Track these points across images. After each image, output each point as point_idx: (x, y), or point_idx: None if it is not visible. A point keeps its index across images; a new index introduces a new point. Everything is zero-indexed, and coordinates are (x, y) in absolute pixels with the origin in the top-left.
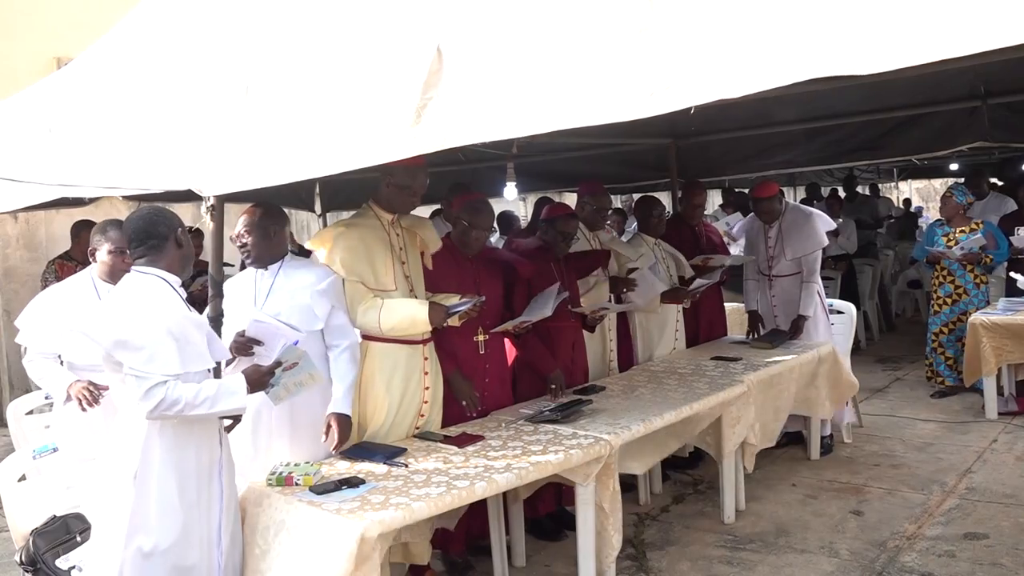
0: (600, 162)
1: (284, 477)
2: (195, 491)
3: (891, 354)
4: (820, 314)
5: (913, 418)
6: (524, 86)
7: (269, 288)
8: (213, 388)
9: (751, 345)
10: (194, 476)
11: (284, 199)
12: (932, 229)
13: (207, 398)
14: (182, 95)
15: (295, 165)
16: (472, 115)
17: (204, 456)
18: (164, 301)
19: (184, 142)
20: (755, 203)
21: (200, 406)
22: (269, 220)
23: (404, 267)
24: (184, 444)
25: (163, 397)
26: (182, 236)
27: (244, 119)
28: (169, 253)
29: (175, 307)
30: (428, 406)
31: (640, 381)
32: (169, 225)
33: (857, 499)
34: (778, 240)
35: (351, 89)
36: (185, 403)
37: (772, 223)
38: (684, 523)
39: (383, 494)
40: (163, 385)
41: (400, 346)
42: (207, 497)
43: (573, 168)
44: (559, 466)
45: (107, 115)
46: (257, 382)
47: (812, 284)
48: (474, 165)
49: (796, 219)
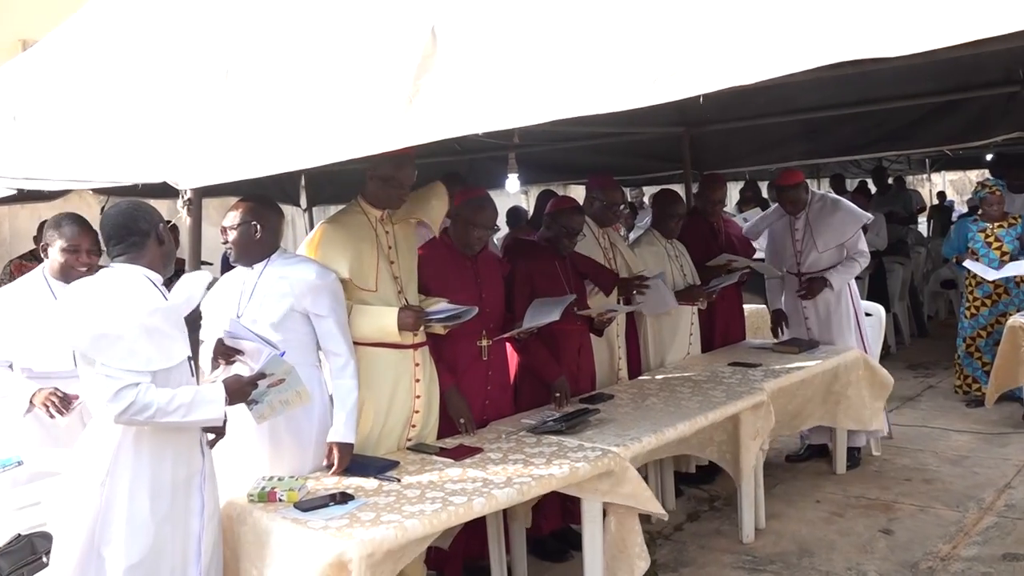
0: (607, 152)
1: (267, 492)
2: (170, 504)
3: (923, 360)
4: (850, 314)
5: (947, 429)
6: (524, 72)
7: (252, 289)
8: (189, 395)
9: (773, 349)
10: (169, 488)
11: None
12: (964, 225)
13: (181, 405)
14: (156, 79)
15: (277, 156)
16: (468, 102)
17: (183, 467)
18: (142, 294)
19: (158, 130)
20: (779, 192)
21: (173, 413)
22: (253, 215)
23: (393, 267)
24: (161, 453)
25: (133, 400)
26: (164, 232)
27: (223, 105)
28: (150, 251)
29: (152, 302)
30: (420, 416)
31: (651, 389)
32: (150, 221)
33: (887, 517)
34: (806, 232)
35: (338, 73)
36: (157, 408)
37: (798, 215)
38: (699, 543)
39: (373, 511)
40: (134, 387)
41: (387, 350)
42: (184, 511)
43: (578, 158)
44: (564, 481)
45: (75, 101)
46: (237, 392)
47: (855, 261)
48: (471, 155)
49: (824, 208)
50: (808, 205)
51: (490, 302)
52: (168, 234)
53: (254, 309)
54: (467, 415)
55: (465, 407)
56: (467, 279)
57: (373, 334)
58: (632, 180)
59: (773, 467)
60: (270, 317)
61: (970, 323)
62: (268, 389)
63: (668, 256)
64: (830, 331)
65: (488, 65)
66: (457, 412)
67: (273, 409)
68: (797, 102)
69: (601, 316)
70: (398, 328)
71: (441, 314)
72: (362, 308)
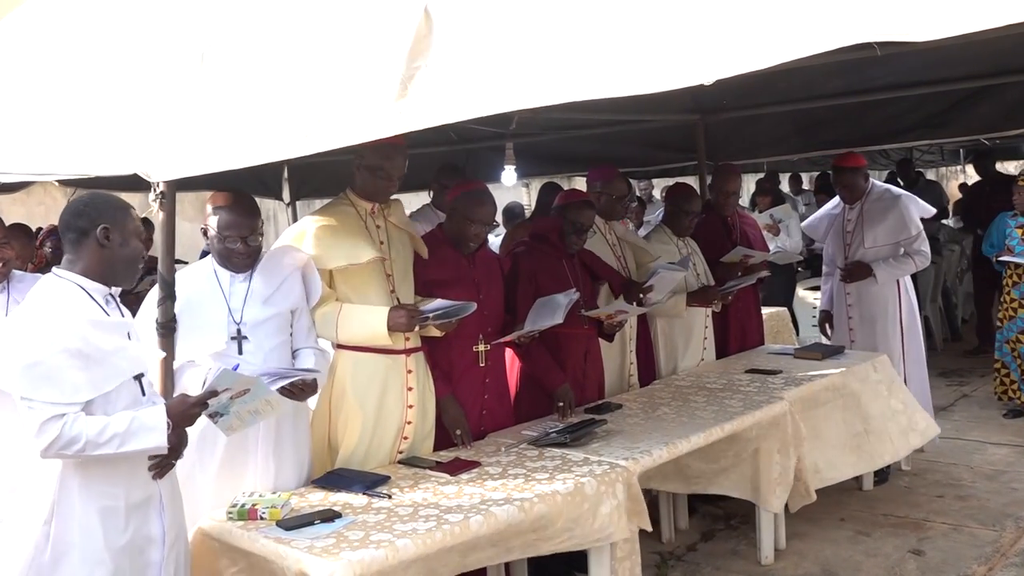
0: (614, 141)
1: (247, 510)
2: (124, 532)
3: (957, 366)
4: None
5: (983, 441)
6: (524, 53)
7: (246, 293)
8: (124, 423)
9: (795, 356)
10: (123, 515)
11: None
12: (1003, 220)
13: (115, 435)
14: (126, 63)
15: (258, 146)
16: (466, 87)
17: (137, 492)
18: (68, 313)
19: (128, 119)
20: (834, 174)
21: (106, 445)
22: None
23: (385, 264)
24: (111, 479)
25: (58, 434)
26: (112, 234)
27: (198, 91)
28: (87, 253)
29: (83, 318)
30: (412, 427)
31: (663, 398)
32: (91, 219)
33: (917, 536)
34: (858, 225)
35: (324, 56)
36: (87, 441)
37: (853, 203)
38: (714, 563)
39: (362, 529)
40: (59, 419)
41: (376, 356)
42: (142, 539)
43: (583, 148)
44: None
45: (37, 87)
46: (183, 416)
47: (910, 259)
48: (468, 145)
49: (882, 201)
50: (866, 195)
51: (488, 304)
52: (121, 236)
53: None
54: (464, 426)
55: (462, 417)
56: (464, 279)
57: (361, 336)
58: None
59: None
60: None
61: (1008, 326)
62: (231, 401)
63: (679, 253)
64: (874, 337)
65: (486, 45)
66: (453, 423)
67: (242, 420)
68: (821, 87)
69: (611, 319)
70: (389, 329)
71: (436, 311)
72: (349, 308)
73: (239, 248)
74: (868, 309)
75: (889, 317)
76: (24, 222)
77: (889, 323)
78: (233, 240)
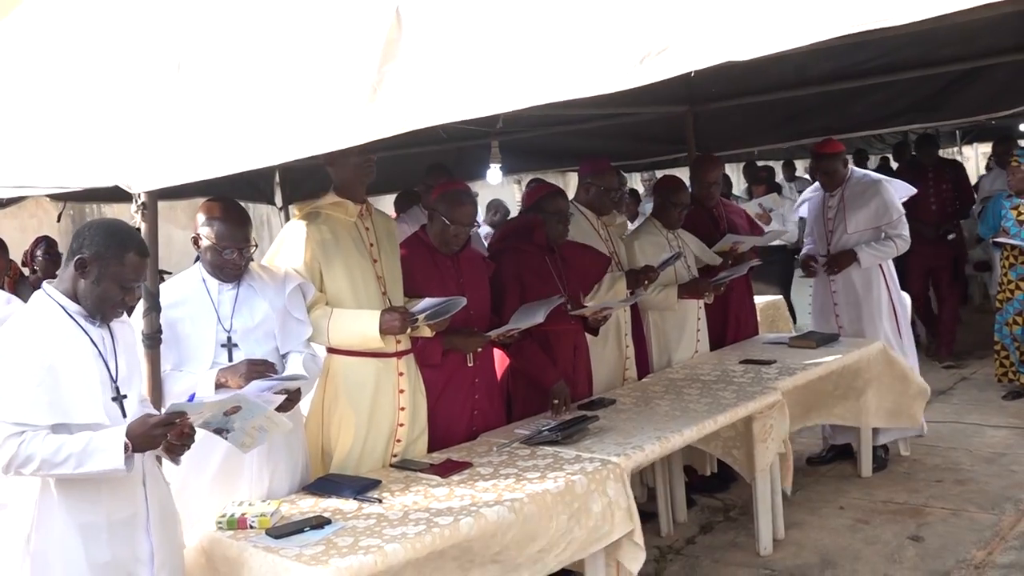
0: (603, 135)
1: (236, 519)
2: (108, 550)
3: (956, 349)
4: (882, 302)
5: (982, 425)
6: (498, 54)
7: (234, 301)
8: (81, 443)
9: (789, 344)
10: (106, 531)
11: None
12: (998, 202)
13: (70, 456)
14: (103, 74)
15: (235, 155)
16: (437, 90)
17: (122, 510)
18: (39, 332)
19: (107, 130)
20: (814, 160)
21: (62, 465)
22: (251, 223)
23: (376, 266)
24: (93, 495)
25: (15, 452)
26: (89, 268)
27: (176, 101)
28: (68, 275)
29: (54, 338)
30: (405, 429)
31: (656, 391)
32: (79, 244)
33: (916, 522)
34: (839, 211)
35: (297, 63)
36: (42, 460)
37: (834, 190)
38: (713, 556)
39: (351, 535)
40: (18, 437)
41: (367, 359)
42: (129, 558)
43: (573, 143)
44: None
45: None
46: (143, 438)
47: (891, 241)
48: (459, 143)
49: (863, 187)
50: (846, 181)
51: (474, 304)
52: (101, 269)
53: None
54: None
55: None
56: (448, 280)
57: (353, 340)
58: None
59: (794, 471)
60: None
61: (1005, 308)
62: (228, 418)
63: (670, 248)
64: (860, 321)
65: (459, 48)
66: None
67: (252, 437)
68: (811, 72)
69: (595, 315)
70: (381, 332)
71: (427, 310)
72: (340, 312)
73: (235, 259)
74: (852, 293)
75: (874, 300)
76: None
77: (875, 305)
78: (230, 251)
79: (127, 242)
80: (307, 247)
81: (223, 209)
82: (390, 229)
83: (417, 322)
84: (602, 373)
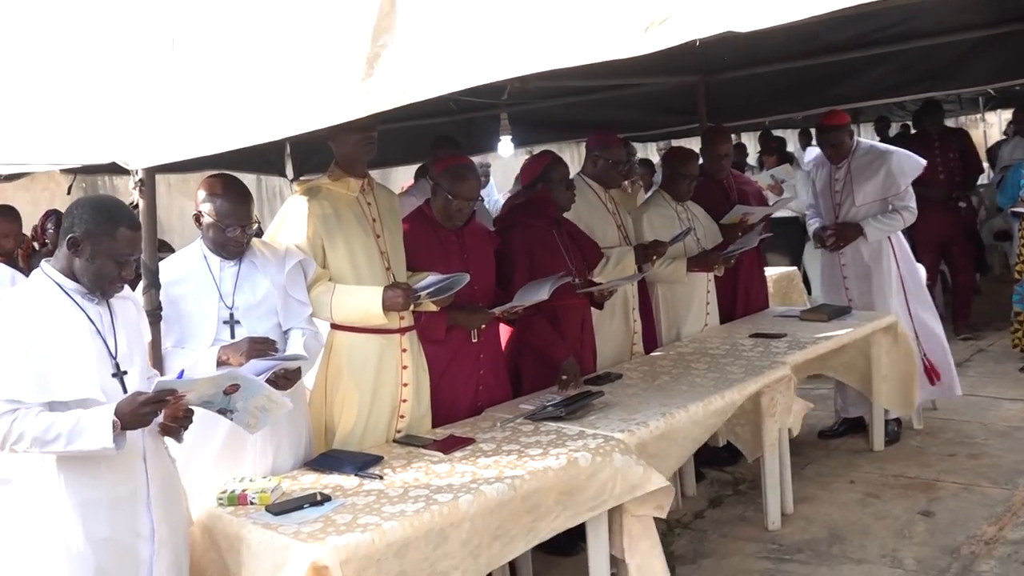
0: (613, 106)
1: (237, 496)
2: (108, 526)
3: (973, 320)
4: (891, 275)
5: (998, 397)
6: (492, 24)
7: (236, 277)
8: (70, 422)
9: (800, 318)
10: (105, 508)
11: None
12: (1018, 171)
13: (60, 434)
14: (99, 50)
15: (230, 132)
16: (433, 63)
17: (121, 486)
18: (31, 310)
19: (103, 106)
20: (818, 133)
21: (53, 443)
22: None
23: (379, 241)
24: (93, 471)
25: (8, 430)
26: (82, 247)
27: (171, 77)
28: (63, 253)
29: (47, 316)
30: (408, 405)
31: (664, 366)
32: (71, 222)
33: (927, 497)
34: (846, 183)
35: (291, 39)
36: (33, 439)
37: (840, 162)
38: (721, 531)
39: (350, 512)
40: (9, 415)
41: (370, 336)
42: (130, 533)
43: (583, 114)
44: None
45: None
46: (131, 415)
47: (898, 214)
48: (469, 115)
49: (870, 159)
50: (852, 153)
51: (479, 279)
52: (93, 247)
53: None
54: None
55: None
56: (452, 255)
57: (356, 317)
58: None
59: (805, 445)
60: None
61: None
62: (229, 397)
63: (679, 220)
64: (870, 294)
65: (453, 18)
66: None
67: (256, 418)
68: (825, 41)
69: (601, 291)
70: (384, 309)
71: (430, 287)
72: (343, 289)
73: (237, 236)
74: (861, 265)
75: (884, 272)
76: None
77: (884, 278)
78: (233, 228)
79: (117, 217)
80: (309, 223)
81: (224, 185)
82: (392, 205)
83: (420, 299)
84: (609, 348)
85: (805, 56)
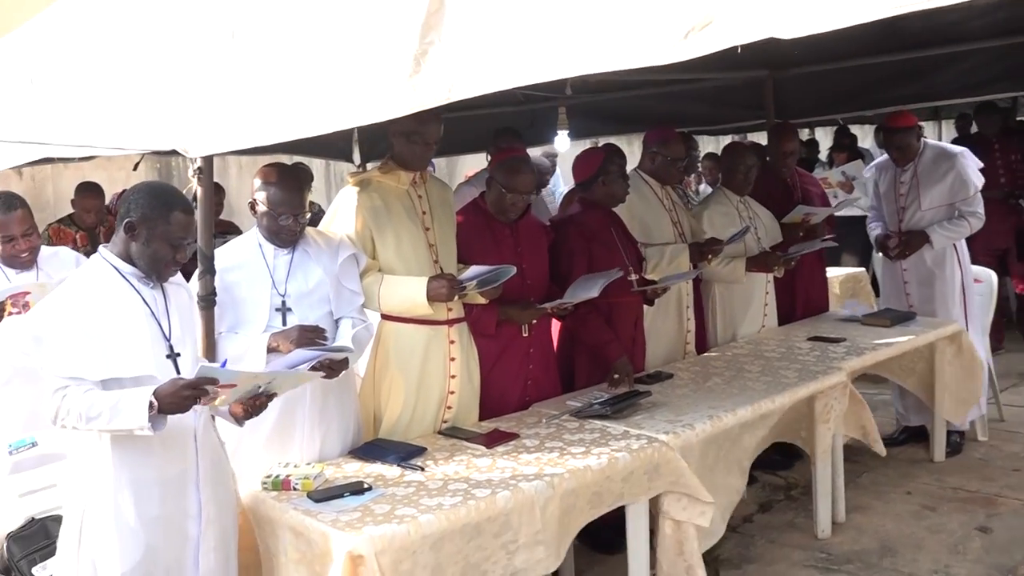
0: (679, 99)
1: (281, 481)
2: (159, 505)
3: None
4: (955, 282)
5: None
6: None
7: (289, 265)
8: (112, 400)
9: (862, 322)
10: (156, 487)
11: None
12: None
13: (101, 413)
14: (162, 41)
15: (283, 123)
16: (480, 61)
17: (172, 466)
18: (91, 292)
19: (165, 95)
20: (885, 135)
21: (96, 420)
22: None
23: (428, 234)
24: (145, 451)
25: (59, 405)
26: (138, 231)
27: (230, 69)
28: (120, 238)
29: (105, 298)
30: (455, 397)
31: (716, 367)
32: (127, 208)
33: (986, 512)
34: (912, 187)
35: (342, 35)
36: (79, 415)
37: (906, 165)
38: (769, 536)
39: (389, 503)
40: (63, 391)
41: (418, 327)
42: (179, 513)
43: (645, 107)
44: (600, 474)
45: (86, 65)
46: (171, 397)
47: (965, 220)
48: (534, 106)
49: (938, 161)
50: (919, 155)
51: (532, 273)
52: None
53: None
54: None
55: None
56: (505, 248)
57: (402, 307)
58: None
59: (862, 453)
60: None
61: None
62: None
63: (740, 217)
64: (932, 301)
65: (500, 17)
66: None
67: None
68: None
69: (655, 289)
70: (429, 299)
71: (474, 278)
72: (391, 279)
73: (290, 224)
74: (924, 271)
75: (947, 277)
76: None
77: (947, 285)
78: (286, 217)
79: (172, 202)
80: (358, 215)
81: (279, 174)
82: (445, 198)
83: (465, 290)
84: (661, 346)
85: (877, 53)
